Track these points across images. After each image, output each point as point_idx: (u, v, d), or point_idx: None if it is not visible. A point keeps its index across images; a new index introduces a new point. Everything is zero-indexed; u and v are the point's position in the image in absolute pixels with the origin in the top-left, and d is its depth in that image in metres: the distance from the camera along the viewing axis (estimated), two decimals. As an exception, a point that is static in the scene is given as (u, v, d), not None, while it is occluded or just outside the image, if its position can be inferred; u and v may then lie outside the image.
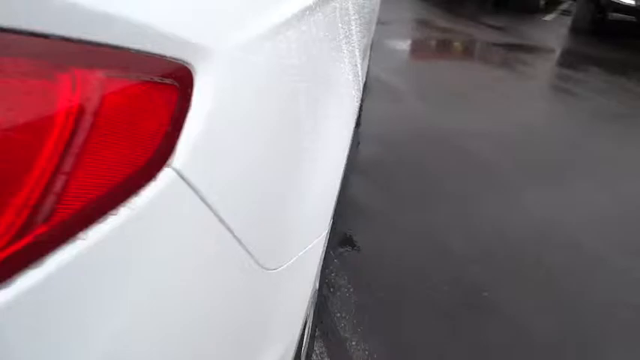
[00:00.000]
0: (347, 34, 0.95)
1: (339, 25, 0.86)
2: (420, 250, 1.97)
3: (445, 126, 3.25)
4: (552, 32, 7.35)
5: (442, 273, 1.85)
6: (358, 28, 1.15)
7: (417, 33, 6.35)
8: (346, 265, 1.83)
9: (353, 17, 1.08)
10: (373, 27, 3.12)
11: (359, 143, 2.84)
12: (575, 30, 7.33)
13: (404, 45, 5.52)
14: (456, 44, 5.95)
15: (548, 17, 8.49)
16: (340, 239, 1.97)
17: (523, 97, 4.24)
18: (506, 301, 1.75)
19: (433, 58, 5.33)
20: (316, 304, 1.39)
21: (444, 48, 5.77)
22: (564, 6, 10.17)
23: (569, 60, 6.11)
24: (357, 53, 1.08)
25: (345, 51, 0.88)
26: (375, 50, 4.66)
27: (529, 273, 1.92)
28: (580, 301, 1.79)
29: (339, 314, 1.61)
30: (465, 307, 1.70)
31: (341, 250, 1.91)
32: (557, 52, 6.38)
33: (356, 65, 1.01)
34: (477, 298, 1.74)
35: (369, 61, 3.91)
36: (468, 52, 5.77)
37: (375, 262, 1.88)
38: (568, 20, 8.05)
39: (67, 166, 0.31)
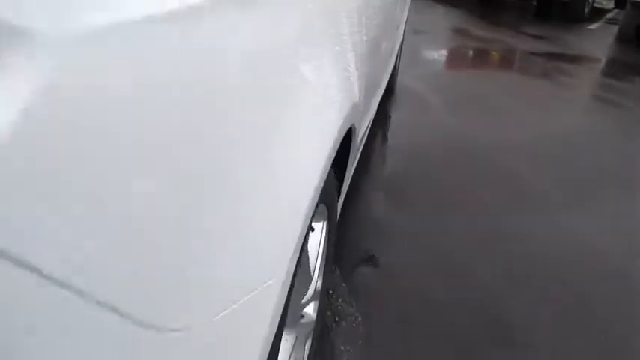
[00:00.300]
0: (333, 32, 0.81)
1: (317, 20, 0.73)
2: (439, 276, 1.80)
3: (477, 140, 3.05)
4: (597, 41, 7.01)
5: (464, 305, 1.67)
6: (357, 29, 1.01)
7: (453, 42, 6.15)
8: (355, 290, 1.67)
9: (346, 14, 0.93)
10: (399, 32, 2.96)
11: (384, 158, 2.69)
12: (621, 39, 6.97)
13: (439, 54, 5.33)
14: (494, 54, 5.71)
15: (593, 26, 8.13)
16: (352, 260, 1.82)
17: (565, 110, 3.99)
18: (538, 340, 1.56)
19: (469, 68, 5.12)
20: (313, 336, 1.25)
21: (481, 58, 5.54)
22: (610, 15, 9.74)
23: (615, 70, 5.78)
24: (352, 56, 0.94)
25: (326, 50, 0.74)
26: (408, 59, 4.49)
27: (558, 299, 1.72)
28: None
29: (342, 347, 1.45)
30: (488, 343, 1.52)
31: (351, 273, 1.76)
32: (602, 62, 6.05)
33: (347, 69, 0.87)
34: (501, 331, 1.56)
35: (398, 69, 3.75)
36: (507, 62, 5.53)
37: (389, 287, 1.71)
38: (614, 29, 7.67)
39: None
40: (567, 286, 1.81)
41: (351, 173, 1.44)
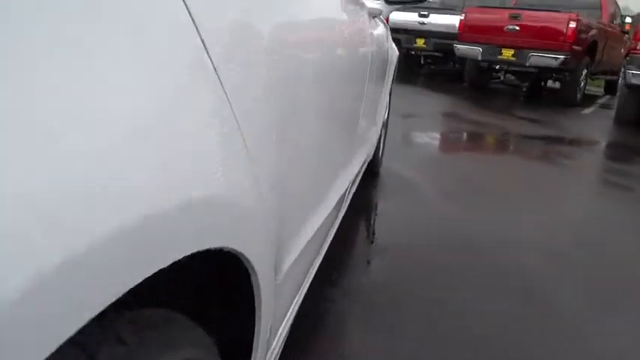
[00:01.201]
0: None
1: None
2: None
3: (478, 236, 2.57)
4: (594, 125, 6.77)
5: None
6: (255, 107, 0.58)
7: (445, 126, 5.86)
8: None
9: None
10: (378, 109, 2.58)
11: (369, 262, 2.20)
12: (619, 122, 6.73)
13: (431, 138, 5.01)
14: (489, 137, 5.40)
15: (587, 111, 7.96)
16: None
17: (571, 196, 3.57)
18: None
19: (464, 151, 4.77)
20: None
21: (475, 141, 5.22)
22: (602, 100, 9.69)
23: (617, 152, 5.46)
24: (233, 132, 0.50)
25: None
26: (398, 143, 4.14)
27: None
28: None
29: None
30: None
31: None
32: (603, 145, 5.75)
33: (193, 148, 0.43)
34: None
35: (382, 151, 3.36)
36: (503, 145, 5.20)
37: None
38: (609, 113, 7.50)
39: None
40: None
41: (282, 333, 0.93)
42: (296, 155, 0.84)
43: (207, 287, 0.63)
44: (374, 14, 2.08)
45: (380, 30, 2.28)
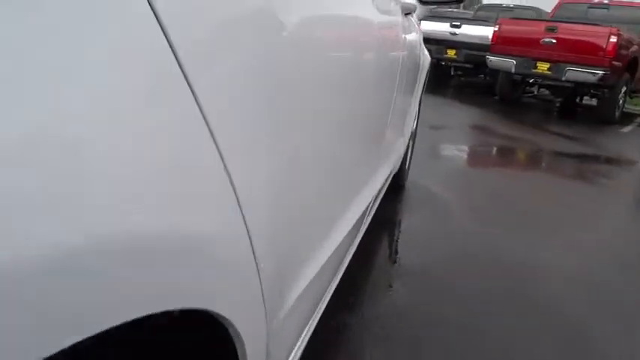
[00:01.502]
0: None
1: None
2: None
3: (511, 261, 2.38)
4: (633, 144, 6.46)
5: None
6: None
7: (475, 139, 5.65)
8: None
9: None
10: (406, 120, 2.42)
11: (390, 282, 2.04)
12: (660, 142, 6.40)
13: (460, 152, 4.81)
14: (521, 153, 5.17)
15: (626, 129, 7.62)
16: None
17: (612, 219, 3.34)
18: None
19: (494, 167, 4.56)
20: None
21: (506, 157, 5.00)
22: (640, 119, 9.31)
23: (660, 174, 5.16)
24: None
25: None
26: (425, 156, 3.97)
27: None
28: None
29: None
30: None
31: None
32: (644, 165, 5.45)
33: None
34: None
35: (408, 164, 3.20)
36: (535, 161, 4.96)
37: None
38: (650, 132, 7.17)
39: None
40: None
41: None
42: (301, 168, 0.70)
43: (170, 335, 0.49)
44: (407, 10, 1.90)
45: (413, 30, 2.11)
